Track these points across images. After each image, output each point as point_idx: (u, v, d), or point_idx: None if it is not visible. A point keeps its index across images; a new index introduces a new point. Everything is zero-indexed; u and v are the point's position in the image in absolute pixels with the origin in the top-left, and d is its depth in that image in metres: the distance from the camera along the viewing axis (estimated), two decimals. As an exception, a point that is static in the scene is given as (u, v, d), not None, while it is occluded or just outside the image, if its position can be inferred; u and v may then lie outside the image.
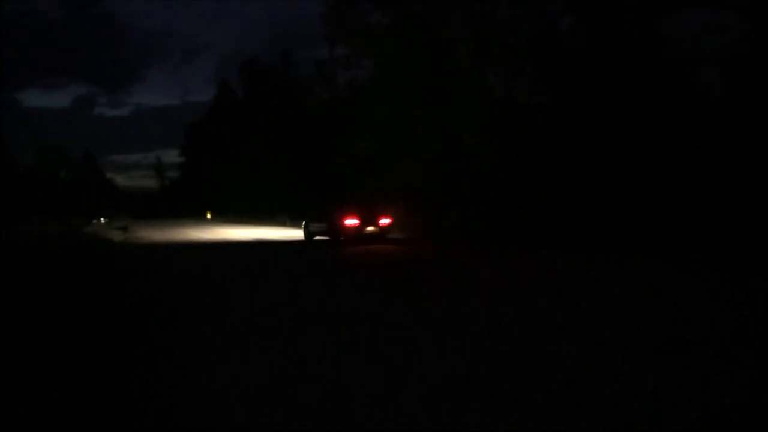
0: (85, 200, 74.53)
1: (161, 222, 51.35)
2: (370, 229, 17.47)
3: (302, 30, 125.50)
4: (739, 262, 10.82)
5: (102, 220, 56.36)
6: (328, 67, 27.08)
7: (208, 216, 60.59)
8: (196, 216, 62.28)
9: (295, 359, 4.64)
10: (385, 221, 17.86)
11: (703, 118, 15.78)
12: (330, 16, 24.35)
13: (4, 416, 3.42)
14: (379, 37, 22.82)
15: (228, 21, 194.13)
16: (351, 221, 17.17)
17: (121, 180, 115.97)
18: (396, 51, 21.81)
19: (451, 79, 20.95)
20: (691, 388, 3.70)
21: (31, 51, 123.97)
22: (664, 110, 16.09)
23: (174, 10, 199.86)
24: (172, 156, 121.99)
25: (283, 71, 46.21)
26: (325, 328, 5.84)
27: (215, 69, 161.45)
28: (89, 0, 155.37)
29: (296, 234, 22.68)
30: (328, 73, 27.57)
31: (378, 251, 14.94)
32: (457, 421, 3.27)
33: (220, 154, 59.32)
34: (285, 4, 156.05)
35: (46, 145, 75.19)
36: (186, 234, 28.03)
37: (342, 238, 17.64)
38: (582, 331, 5.42)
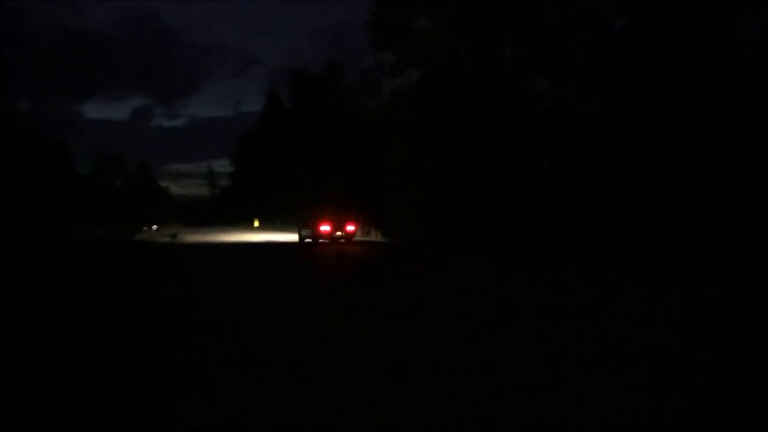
0: (138, 207, 76.84)
1: (209, 229, 56.35)
2: (338, 233, 22.48)
3: (354, 41, 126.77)
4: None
5: (153, 227, 57.46)
6: (373, 74, 26.87)
7: (256, 224, 61.23)
8: (244, 224, 64.15)
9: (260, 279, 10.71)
10: (350, 228, 22.97)
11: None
12: (374, 22, 24.21)
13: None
14: (424, 43, 22.46)
15: (280, 33, 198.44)
16: (325, 228, 22.08)
17: (175, 189, 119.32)
18: (441, 57, 21.40)
19: (498, 86, 20.37)
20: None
21: (94, 66, 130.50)
22: (724, 114, 15.07)
23: (228, 24, 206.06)
24: (223, 165, 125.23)
25: (330, 80, 46.40)
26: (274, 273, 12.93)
27: (267, 80, 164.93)
28: (149, 16, 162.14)
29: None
30: (373, 81, 27.34)
31: (340, 249, 20.01)
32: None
33: (268, 163, 60.03)
34: (337, 16, 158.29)
35: (104, 155, 78.33)
36: (223, 237, 33.17)
37: (320, 240, 22.56)
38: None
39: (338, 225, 22.53)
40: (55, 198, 57.01)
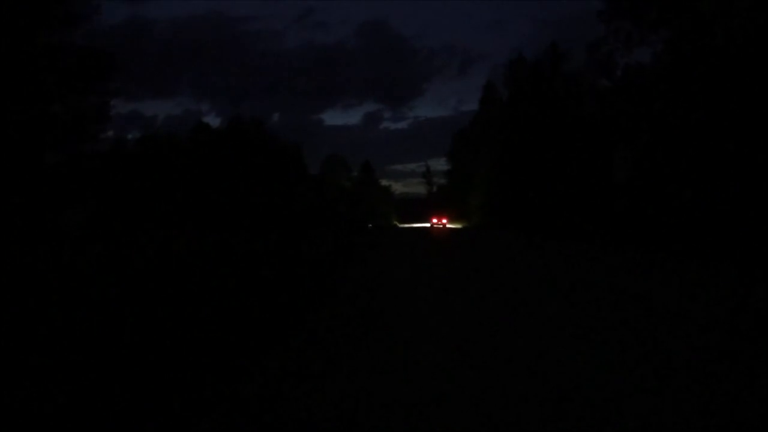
0: (360, 205, 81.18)
1: (414, 222, 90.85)
2: (439, 223, 70.39)
3: (580, 32, 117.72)
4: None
5: (369, 225, 60.76)
6: (604, 47, 22.33)
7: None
8: (455, 219, 74.61)
9: (403, 244, 27.02)
10: (444, 221, 70.52)
11: None
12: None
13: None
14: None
15: (505, 30, 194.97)
16: (433, 220, 73.11)
17: (398, 187, 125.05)
18: (705, 13, 16.36)
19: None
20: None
21: (334, 77, 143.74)
22: None
23: (454, 26, 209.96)
24: (442, 164, 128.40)
25: (550, 66, 41.93)
26: (413, 236, 38.25)
27: (488, 77, 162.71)
28: (381, 28, 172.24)
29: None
30: (603, 56, 22.78)
31: (439, 230, 55.93)
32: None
33: (482, 159, 57.72)
34: (566, 7, 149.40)
35: (330, 157, 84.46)
36: (411, 225, 73.76)
37: (432, 227, 67.09)
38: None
39: (439, 219, 69.15)
40: (290, 193, 63.22)
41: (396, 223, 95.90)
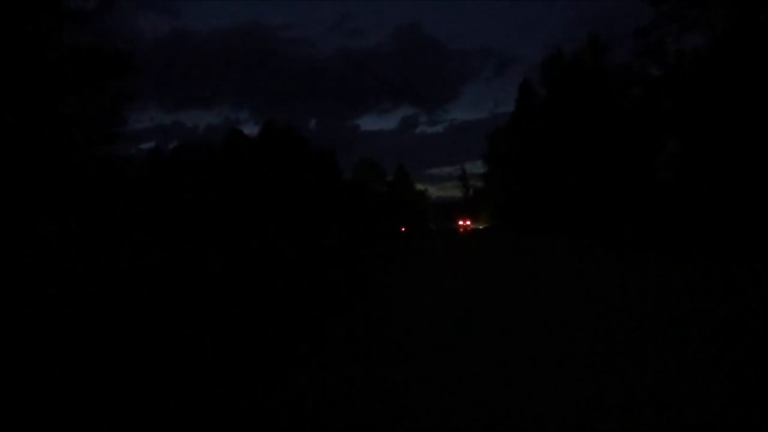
0: (395, 210, 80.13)
1: (444, 224, 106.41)
2: (464, 225, 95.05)
3: (617, 29, 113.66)
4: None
5: (402, 228, 61.02)
6: (653, 33, 20.26)
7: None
8: (484, 221, 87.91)
9: (431, 242, 45.36)
10: (468, 223, 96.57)
11: None
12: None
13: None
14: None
15: (539, 31, 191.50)
16: (459, 223, 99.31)
17: (434, 191, 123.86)
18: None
19: None
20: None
21: (369, 82, 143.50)
22: None
23: (487, 28, 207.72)
24: (479, 167, 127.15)
25: (591, 59, 39.54)
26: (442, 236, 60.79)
27: (525, 77, 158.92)
28: (415, 30, 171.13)
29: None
30: (653, 42, 20.70)
31: (464, 231, 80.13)
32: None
33: (518, 160, 55.58)
34: (602, 5, 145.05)
35: (363, 161, 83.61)
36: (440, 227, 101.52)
37: (460, 228, 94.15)
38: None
39: (464, 221, 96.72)
40: (324, 198, 62.56)
41: (432, 226, 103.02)
